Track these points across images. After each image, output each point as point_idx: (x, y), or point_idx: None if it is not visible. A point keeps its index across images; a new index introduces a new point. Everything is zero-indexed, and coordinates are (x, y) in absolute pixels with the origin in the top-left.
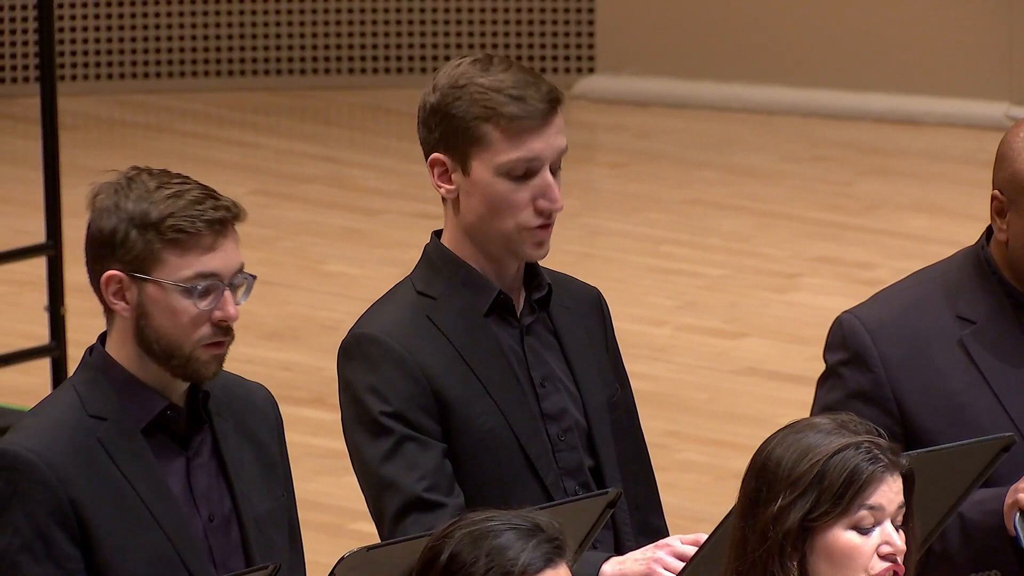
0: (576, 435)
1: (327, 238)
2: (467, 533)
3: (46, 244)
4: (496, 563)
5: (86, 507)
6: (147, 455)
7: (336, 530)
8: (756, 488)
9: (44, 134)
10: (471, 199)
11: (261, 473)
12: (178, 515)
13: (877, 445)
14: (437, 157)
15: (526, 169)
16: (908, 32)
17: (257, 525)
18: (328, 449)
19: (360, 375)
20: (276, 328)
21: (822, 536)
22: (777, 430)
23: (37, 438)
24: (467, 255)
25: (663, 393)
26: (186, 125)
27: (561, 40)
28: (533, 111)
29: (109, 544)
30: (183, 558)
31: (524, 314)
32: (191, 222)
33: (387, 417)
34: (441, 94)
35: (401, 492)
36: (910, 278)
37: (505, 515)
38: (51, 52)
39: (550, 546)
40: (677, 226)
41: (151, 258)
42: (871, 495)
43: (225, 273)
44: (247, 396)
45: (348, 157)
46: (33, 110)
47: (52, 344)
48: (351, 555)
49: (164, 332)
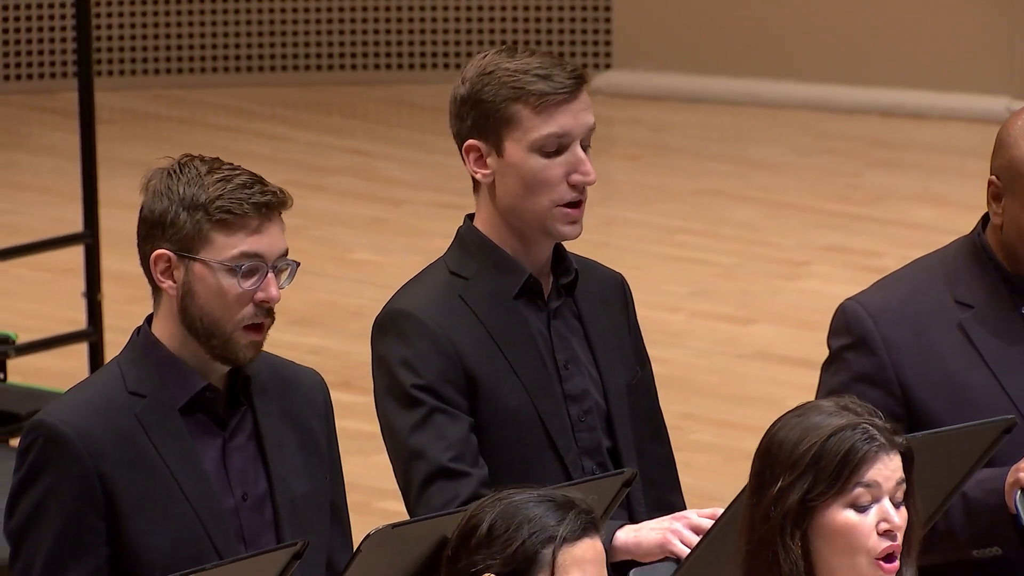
0: (595, 416)
1: (354, 227)
2: (506, 505)
3: (83, 233)
4: (537, 530)
5: (115, 481)
6: (182, 433)
7: (363, 508)
8: (761, 470)
9: (82, 127)
10: (506, 180)
11: (304, 456)
12: (208, 492)
13: (874, 425)
14: (471, 143)
15: (558, 145)
16: (914, 30)
17: (293, 506)
18: (356, 431)
19: (393, 349)
20: (305, 314)
21: (821, 515)
22: (784, 413)
23: (74, 411)
24: (500, 239)
25: (677, 377)
26: (218, 119)
27: (579, 37)
28: (560, 87)
29: (136, 518)
30: (210, 534)
31: (552, 298)
32: (238, 204)
33: (418, 390)
34: (470, 83)
35: (428, 461)
36: (911, 265)
37: (540, 491)
38: (88, 48)
39: (587, 517)
40: (691, 216)
41: (199, 238)
42: (866, 473)
43: (269, 256)
44: (296, 381)
45: (374, 150)
46: (71, 104)
47: (89, 329)
48: (377, 532)
49: (208, 310)
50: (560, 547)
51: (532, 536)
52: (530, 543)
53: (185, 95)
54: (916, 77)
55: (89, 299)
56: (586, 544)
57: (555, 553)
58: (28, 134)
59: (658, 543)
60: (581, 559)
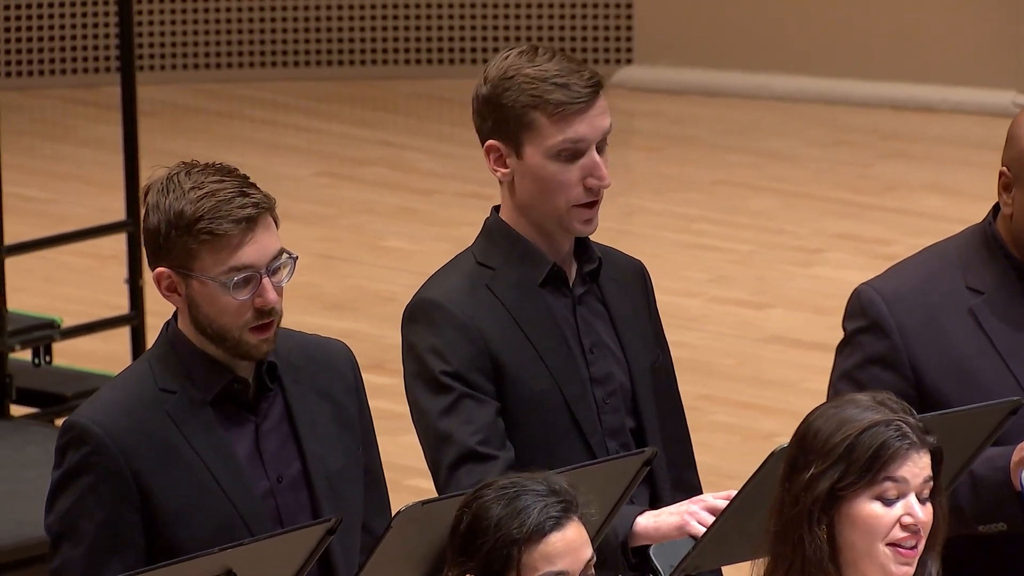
0: (620, 398)
1: (385, 216)
2: (477, 508)
3: (126, 221)
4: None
5: (150, 478)
6: (213, 425)
7: (394, 486)
8: (794, 456)
9: (124, 120)
10: (525, 181)
11: (337, 430)
12: (242, 481)
13: (907, 423)
14: (492, 144)
15: (574, 150)
16: (923, 26)
17: (329, 483)
18: (387, 411)
19: (423, 336)
20: (338, 299)
21: (848, 504)
22: (821, 403)
23: (106, 412)
24: (523, 230)
25: (696, 360)
26: (256, 112)
27: (601, 33)
28: (577, 96)
29: (173, 512)
30: (246, 522)
31: (576, 285)
32: (218, 223)
33: (447, 376)
34: (492, 85)
35: (457, 444)
36: (923, 252)
37: (514, 485)
38: (131, 44)
39: (560, 507)
40: (708, 205)
41: (189, 257)
42: (896, 468)
43: (260, 263)
44: (324, 356)
45: (405, 142)
46: (114, 98)
47: (132, 314)
48: (408, 508)
49: (212, 320)
50: (525, 547)
51: (500, 539)
52: (499, 546)
53: (223, 89)
54: (925, 72)
55: (131, 285)
56: (555, 537)
57: (520, 553)
58: (73, 127)
59: (677, 526)
60: (549, 554)
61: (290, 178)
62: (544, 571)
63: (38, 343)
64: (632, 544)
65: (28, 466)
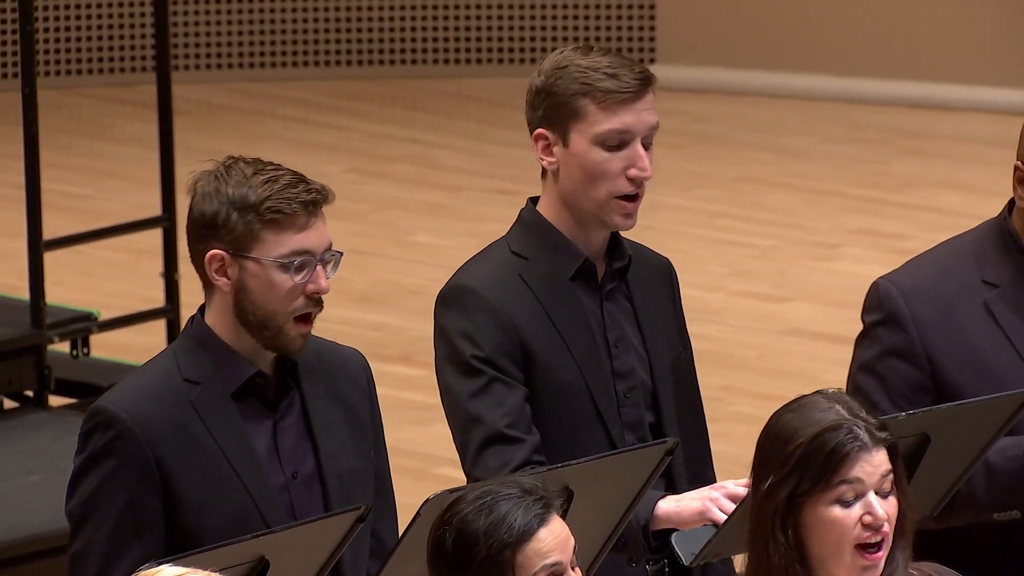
0: (640, 393)
1: (413, 212)
2: (459, 522)
3: (161, 217)
4: (492, 541)
5: (172, 465)
6: (235, 418)
7: (422, 474)
8: (756, 465)
9: (160, 118)
10: (570, 169)
11: (350, 433)
12: (260, 474)
13: (859, 424)
14: (541, 132)
15: (619, 140)
16: (940, 27)
17: (340, 481)
18: (415, 402)
19: (455, 321)
20: (367, 293)
21: (809, 511)
22: (780, 408)
23: (132, 398)
24: (560, 224)
25: (718, 352)
26: (287, 110)
27: (625, 33)
28: (626, 86)
29: (193, 500)
30: (263, 514)
31: (605, 281)
32: (287, 203)
33: (477, 361)
34: (545, 76)
35: (486, 426)
36: (940, 247)
37: (497, 485)
38: (166, 44)
39: (537, 507)
40: (730, 201)
41: (251, 237)
42: (849, 471)
43: (317, 250)
44: (340, 362)
45: (432, 139)
46: (150, 96)
47: (167, 307)
48: (436, 497)
49: (261, 304)
50: (517, 548)
51: (491, 548)
52: (491, 554)
53: (256, 88)
54: (941, 71)
55: (167, 279)
56: (542, 533)
57: (514, 555)
58: (110, 125)
59: (698, 511)
60: (541, 551)
61: (321, 175)
62: (540, 566)
63: (76, 335)
64: (653, 528)
65: (66, 455)
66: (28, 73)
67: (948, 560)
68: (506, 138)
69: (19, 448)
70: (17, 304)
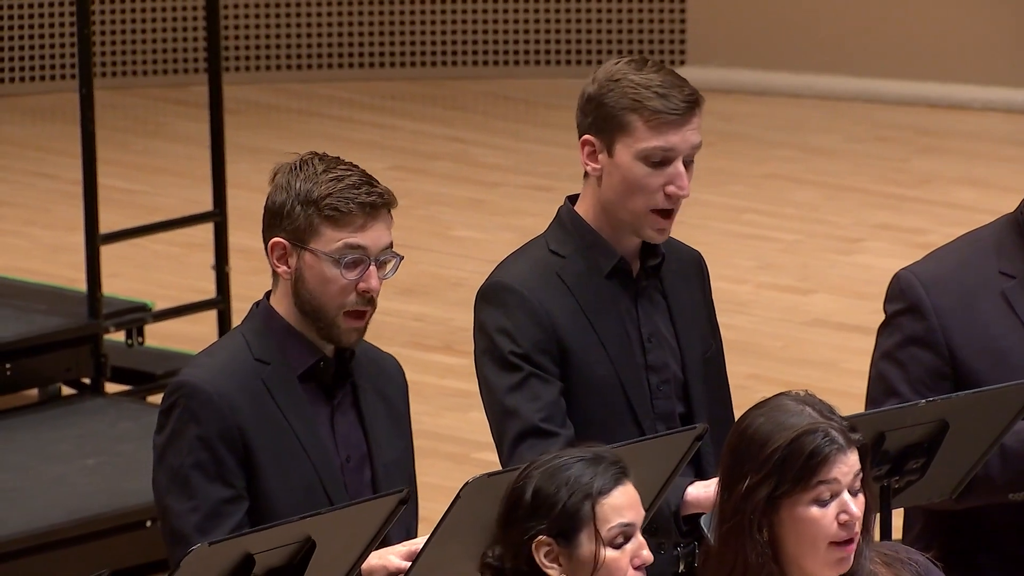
0: (672, 386)
1: (454, 207)
2: (541, 473)
3: (213, 212)
4: (575, 490)
5: (251, 435)
6: (302, 398)
7: (462, 459)
8: (731, 466)
9: (211, 117)
10: (612, 178)
11: (391, 426)
12: (325, 451)
13: (833, 427)
14: (588, 138)
15: (662, 157)
16: (958, 29)
17: (385, 469)
18: (456, 389)
19: (495, 318)
20: (410, 285)
21: (787, 510)
22: (753, 406)
23: (210, 372)
24: (597, 224)
25: (745, 342)
26: (333, 110)
27: (656, 36)
28: (674, 108)
29: (270, 470)
30: (326, 489)
31: (639, 278)
32: (345, 202)
33: (515, 356)
34: (599, 85)
35: (522, 419)
36: (959, 240)
37: (571, 452)
38: (217, 46)
39: (616, 468)
40: (756, 197)
41: (310, 230)
42: (827, 472)
43: (372, 249)
44: (380, 363)
45: (472, 138)
46: (202, 96)
47: (218, 298)
48: (475, 480)
49: (315, 295)
50: (597, 500)
51: (572, 496)
52: (572, 502)
53: (303, 88)
54: (959, 72)
55: (218, 271)
56: (619, 492)
57: (594, 507)
58: (164, 123)
59: None
60: (618, 507)
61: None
62: (616, 522)
63: (131, 325)
64: (683, 513)
65: (122, 439)
66: (85, 74)
67: (962, 537)
68: (542, 136)
69: (76, 433)
70: (75, 295)
